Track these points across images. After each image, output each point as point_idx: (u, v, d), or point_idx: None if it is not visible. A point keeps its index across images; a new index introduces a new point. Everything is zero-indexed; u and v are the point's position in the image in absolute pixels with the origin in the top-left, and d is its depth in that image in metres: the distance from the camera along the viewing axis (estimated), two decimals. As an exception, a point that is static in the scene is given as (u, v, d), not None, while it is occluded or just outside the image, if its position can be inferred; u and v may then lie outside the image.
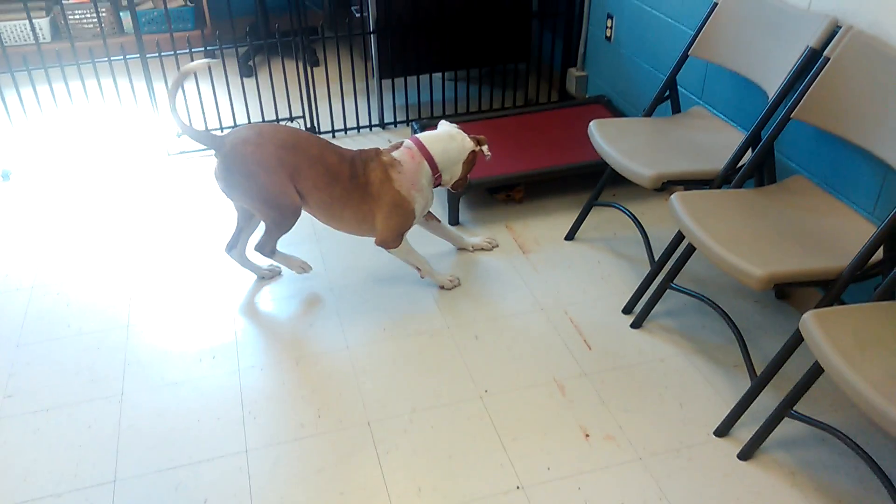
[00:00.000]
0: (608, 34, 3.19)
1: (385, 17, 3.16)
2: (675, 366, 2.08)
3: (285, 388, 2.03)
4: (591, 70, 3.42)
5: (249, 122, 3.26)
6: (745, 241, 1.79)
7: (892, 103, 1.79)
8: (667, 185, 2.12)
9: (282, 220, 2.21)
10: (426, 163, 2.21)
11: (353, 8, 3.52)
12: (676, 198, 1.94)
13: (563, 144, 2.92)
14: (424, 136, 2.25)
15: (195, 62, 2.14)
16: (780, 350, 1.76)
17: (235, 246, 2.37)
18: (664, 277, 2.15)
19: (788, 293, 2.34)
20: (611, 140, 2.28)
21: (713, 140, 2.31)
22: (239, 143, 2.10)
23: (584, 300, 2.33)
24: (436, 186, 2.28)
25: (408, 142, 2.24)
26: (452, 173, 2.28)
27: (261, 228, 2.34)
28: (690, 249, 2.07)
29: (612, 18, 3.14)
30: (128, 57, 3.02)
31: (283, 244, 2.60)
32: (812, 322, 1.53)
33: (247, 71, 3.83)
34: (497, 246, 2.57)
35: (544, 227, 2.68)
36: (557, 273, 2.45)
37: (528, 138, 2.96)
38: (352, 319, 2.27)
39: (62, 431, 1.92)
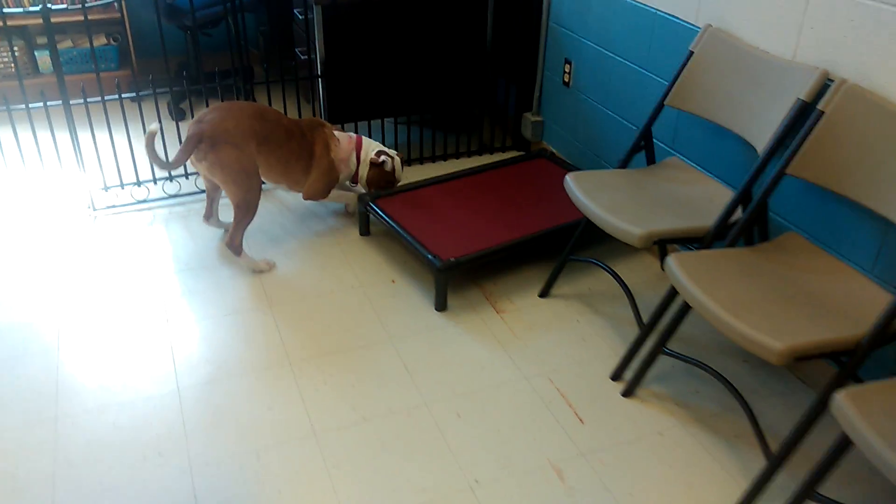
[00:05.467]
0: (566, 79, 3.09)
1: (333, 60, 2.97)
2: (674, 439, 1.93)
3: (246, 489, 1.77)
4: (548, 115, 3.31)
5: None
6: (754, 308, 1.67)
7: (892, 157, 1.72)
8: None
9: (250, 193, 2.47)
10: (355, 151, 2.78)
11: (297, 50, 3.32)
12: (674, 260, 1.81)
13: (520, 210, 2.67)
14: (364, 138, 2.84)
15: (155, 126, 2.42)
16: (795, 428, 1.64)
17: (211, 216, 2.73)
18: (655, 342, 2.02)
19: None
20: (590, 194, 2.14)
21: (694, 193, 2.21)
22: (218, 122, 2.40)
23: (569, 365, 2.17)
24: (354, 182, 2.84)
25: (351, 134, 2.82)
26: (363, 170, 2.81)
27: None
28: (683, 311, 1.95)
29: (570, 63, 3.04)
30: (49, 104, 2.71)
31: (234, 302, 2.35)
32: (845, 402, 1.41)
33: (179, 114, 3.55)
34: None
35: (515, 283, 2.52)
36: (536, 335, 2.28)
37: (481, 206, 2.69)
38: (315, 398, 2.03)
39: (-24, 557, 1.60)
